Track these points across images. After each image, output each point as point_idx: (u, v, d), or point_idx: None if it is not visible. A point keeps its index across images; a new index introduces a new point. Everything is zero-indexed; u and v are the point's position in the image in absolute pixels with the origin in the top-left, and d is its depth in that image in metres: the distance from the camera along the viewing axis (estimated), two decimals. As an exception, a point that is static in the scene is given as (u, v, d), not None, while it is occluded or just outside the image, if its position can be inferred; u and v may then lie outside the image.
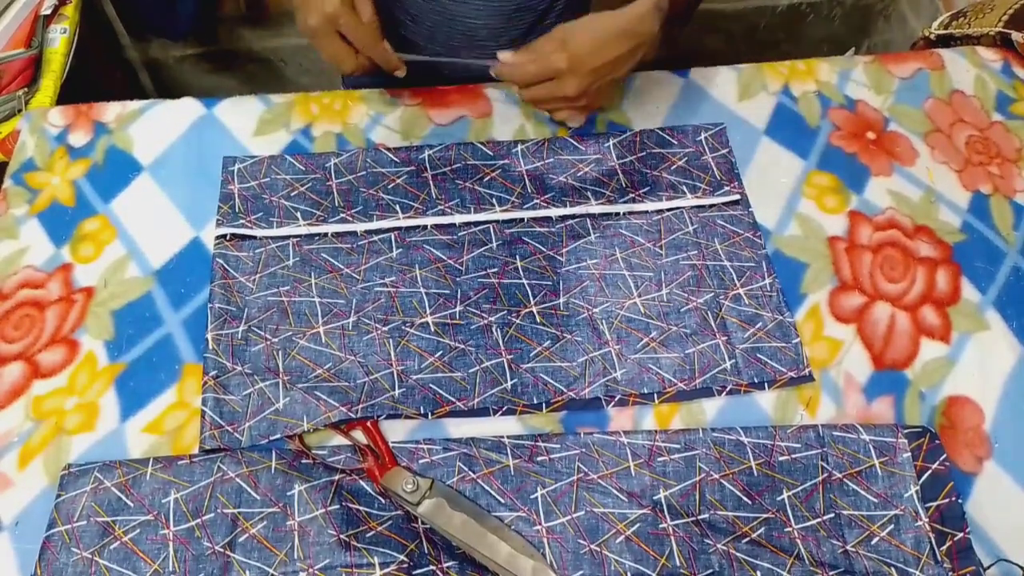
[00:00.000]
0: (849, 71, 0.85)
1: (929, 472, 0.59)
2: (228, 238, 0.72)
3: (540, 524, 0.57)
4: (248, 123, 0.81)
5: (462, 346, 0.66)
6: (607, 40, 0.66)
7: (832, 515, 0.58)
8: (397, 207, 0.74)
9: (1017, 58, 0.86)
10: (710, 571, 0.55)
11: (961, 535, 0.56)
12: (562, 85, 0.67)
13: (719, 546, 0.56)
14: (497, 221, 0.73)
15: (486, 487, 0.59)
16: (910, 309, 0.69)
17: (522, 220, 0.73)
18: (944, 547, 0.56)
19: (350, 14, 0.67)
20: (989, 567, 0.56)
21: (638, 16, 0.66)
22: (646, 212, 0.74)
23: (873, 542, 0.57)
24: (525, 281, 0.69)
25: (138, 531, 0.57)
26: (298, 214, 0.74)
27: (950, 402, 0.64)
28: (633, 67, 0.69)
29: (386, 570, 0.54)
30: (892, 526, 0.57)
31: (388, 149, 0.78)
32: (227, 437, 0.61)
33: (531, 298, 0.68)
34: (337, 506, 0.57)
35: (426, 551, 0.56)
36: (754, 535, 0.57)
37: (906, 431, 0.61)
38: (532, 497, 0.58)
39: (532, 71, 0.67)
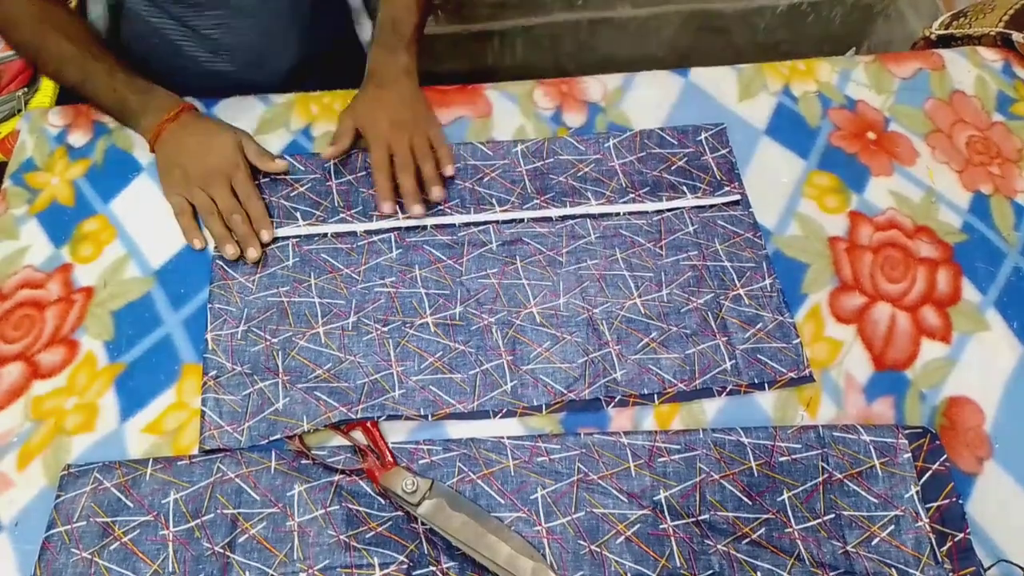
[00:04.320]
0: (849, 71, 0.85)
1: (930, 473, 0.59)
2: (228, 238, 0.72)
3: (540, 525, 0.57)
4: (248, 123, 0.80)
5: (462, 347, 0.66)
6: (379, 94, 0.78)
7: (832, 516, 0.58)
8: (397, 207, 0.74)
9: (1018, 58, 0.86)
10: (710, 572, 0.55)
11: (961, 536, 0.56)
12: (376, 135, 0.75)
13: (719, 547, 0.56)
14: (497, 221, 0.73)
15: (486, 487, 0.59)
16: (911, 309, 0.69)
17: (522, 220, 0.73)
18: (944, 548, 0.56)
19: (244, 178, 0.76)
20: (989, 568, 0.56)
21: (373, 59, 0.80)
22: (646, 212, 0.74)
23: (873, 543, 0.57)
24: (525, 281, 0.69)
25: (138, 532, 0.57)
26: (298, 214, 0.74)
27: (951, 402, 0.64)
28: (415, 92, 0.79)
29: (386, 571, 0.54)
30: (892, 527, 0.57)
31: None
32: (227, 437, 0.61)
33: (531, 299, 0.68)
34: (337, 507, 0.57)
35: (426, 552, 0.56)
36: (754, 536, 0.57)
37: (907, 432, 0.61)
38: (532, 498, 0.58)
39: (342, 130, 0.76)
